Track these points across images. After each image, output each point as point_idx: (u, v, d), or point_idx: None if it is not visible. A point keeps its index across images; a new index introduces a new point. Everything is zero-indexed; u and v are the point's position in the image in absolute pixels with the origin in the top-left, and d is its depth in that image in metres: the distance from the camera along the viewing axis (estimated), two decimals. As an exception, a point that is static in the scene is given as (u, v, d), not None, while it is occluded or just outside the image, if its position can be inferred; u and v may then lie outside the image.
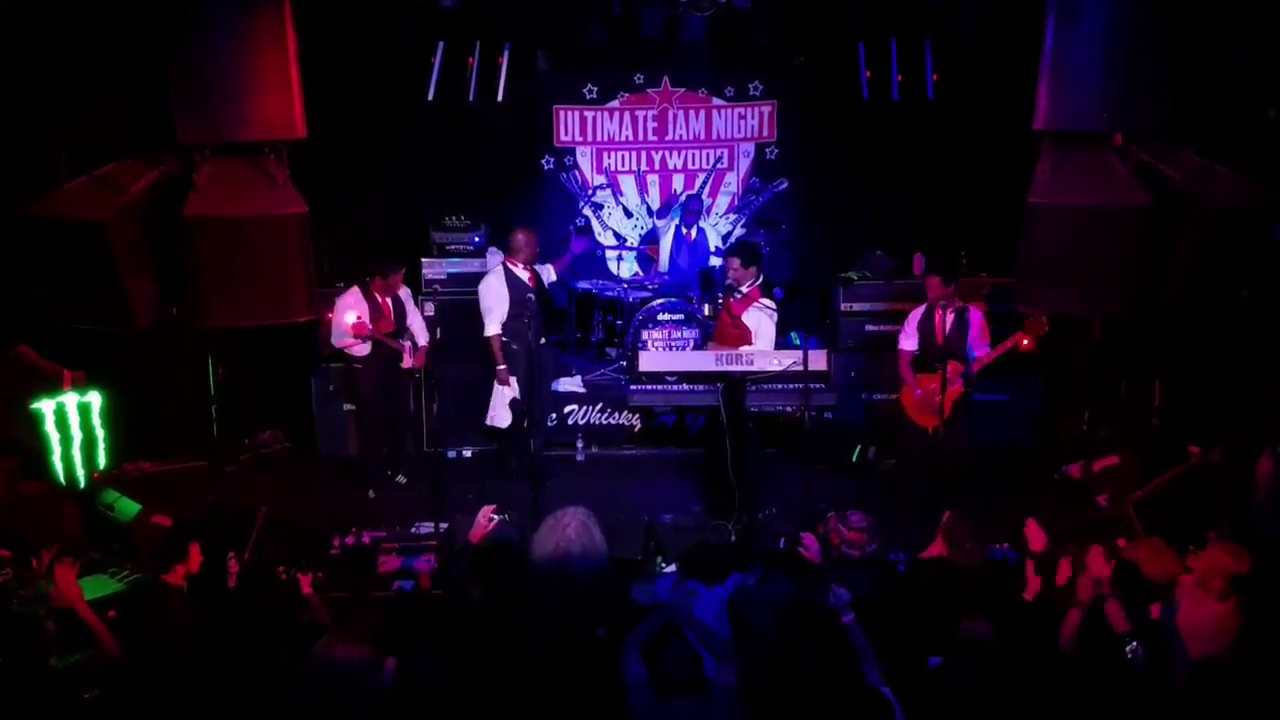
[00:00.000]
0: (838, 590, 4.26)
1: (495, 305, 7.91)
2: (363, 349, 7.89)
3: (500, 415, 8.20)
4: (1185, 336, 7.73)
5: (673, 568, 6.15)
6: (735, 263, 7.30)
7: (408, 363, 8.03)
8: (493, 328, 7.94)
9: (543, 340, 8.08)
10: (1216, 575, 4.55)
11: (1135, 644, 4.17)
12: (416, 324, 8.20)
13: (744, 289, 7.29)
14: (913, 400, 7.46)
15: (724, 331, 7.51)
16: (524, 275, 7.92)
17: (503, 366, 7.98)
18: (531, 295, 7.90)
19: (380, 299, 7.90)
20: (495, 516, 5.27)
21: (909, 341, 7.60)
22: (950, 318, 7.30)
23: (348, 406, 8.72)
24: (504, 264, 7.98)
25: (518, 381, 7.98)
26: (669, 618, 4.16)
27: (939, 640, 4.18)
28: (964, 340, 7.30)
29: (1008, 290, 7.10)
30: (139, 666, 4.56)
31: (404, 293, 8.14)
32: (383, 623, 5.06)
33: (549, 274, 8.35)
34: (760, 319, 7.25)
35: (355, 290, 7.88)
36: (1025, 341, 7.16)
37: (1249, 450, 6.47)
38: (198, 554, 5.15)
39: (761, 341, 7.24)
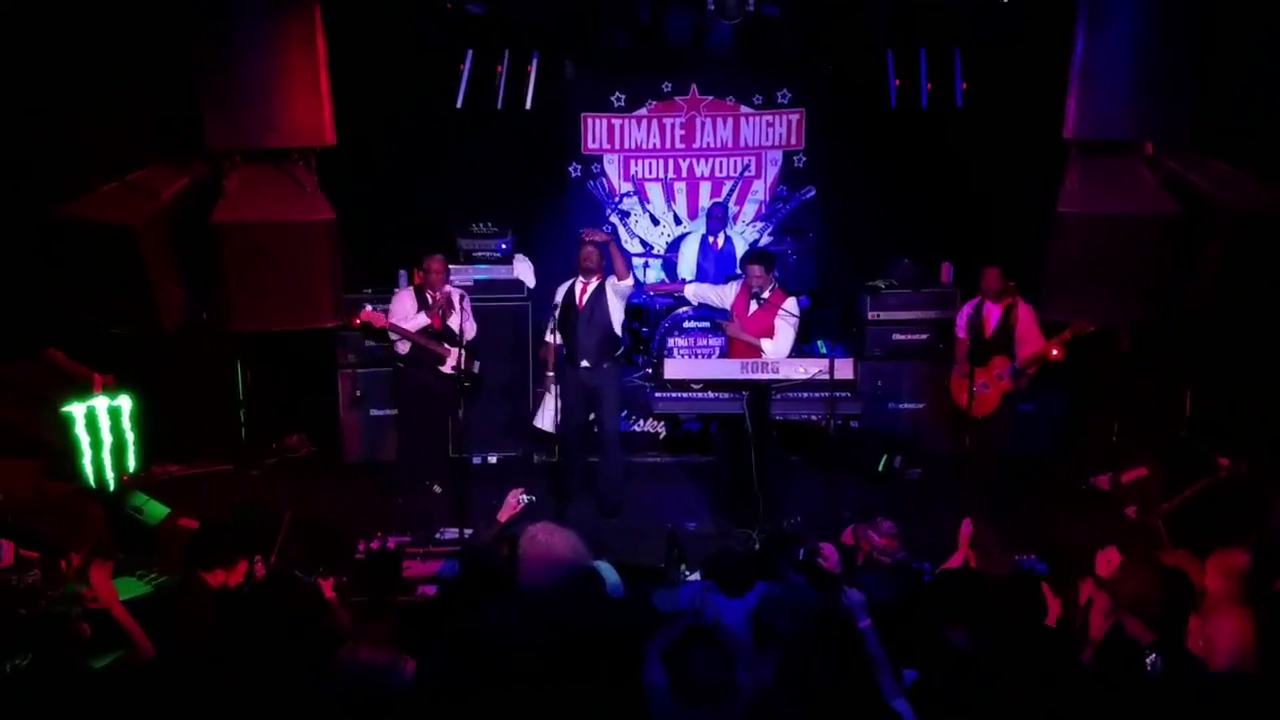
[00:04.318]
0: (850, 592, 4.23)
1: (552, 311, 7.75)
2: (401, 347, 7.91)
3: (540, 417, 8.26)
4: (1214, 346, 7.67)
5: (696, 575, 6.14)
6: (758, 270, 7.28)
7: (447, 367, 7.87)
8: (548, 333, 7.85)
9: (586, 364, 7.67)
10: (1231, 579, 4.51)
11: (1155, 656, 4.13)
12: (457, 323, 7.91)
13: (765, 294, 7.28)
14: (964, 391, 7.46)
15: (743, 318, 7.50)
16: (578, 288, 7.70)
17: (549, 374, 7.98)
18: (573, 310, 7.67)
19: (429, 295, 7.84)
20: (524, 499, 5.29)
21: (963, 331, 7.72)
22: (998, 313, 7.37)
23: (375, 411, 8.76)
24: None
25: (559, 397, 7.84)
26: (692, 623, 4.16)
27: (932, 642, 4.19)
28: (1011, 336, 7.33)
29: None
30: (167, 666, 4.59)
31: (454, 292, 7.97)
32: (403, 625, 5.06)
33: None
34: (782, 326, 7.24)
35: (408, 288, 7.96)
36: (1055, 352, 7.15)
37: (1277, 463, 6.42)
38: (244, 570, 5.18)
39: (779, 344, 7.23)
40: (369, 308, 7.67)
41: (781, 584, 4.92)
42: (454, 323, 7.90)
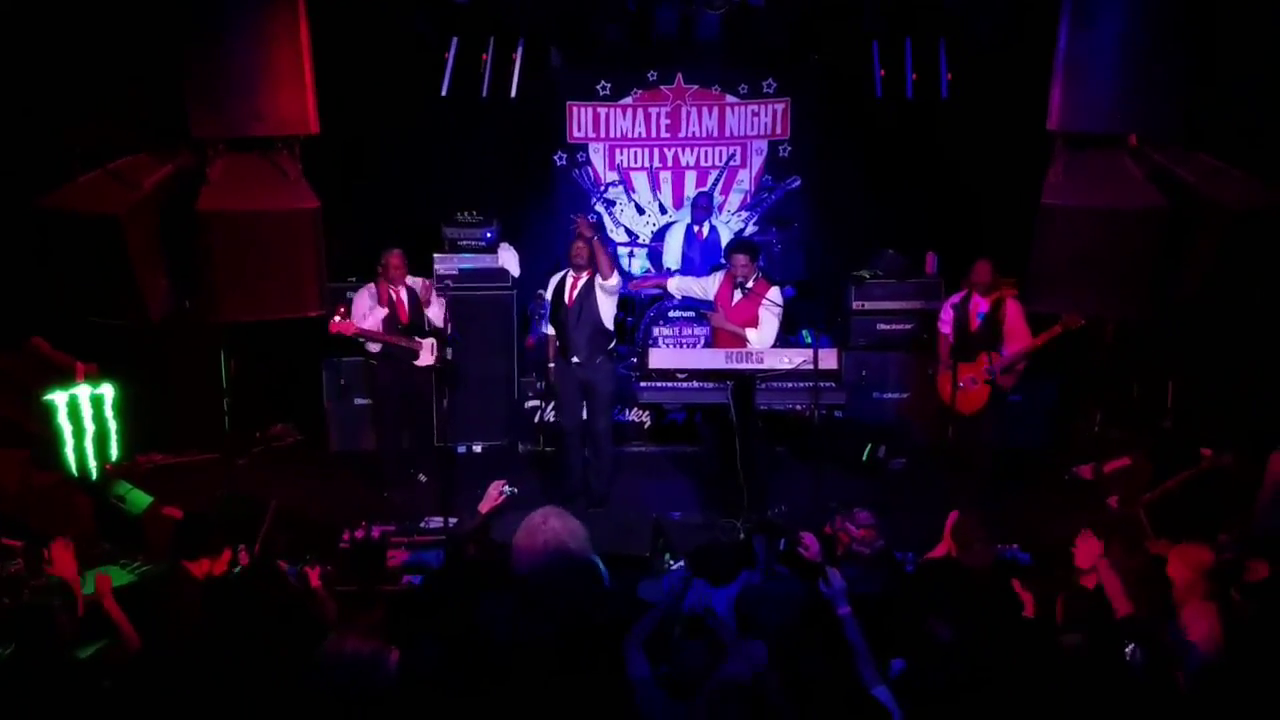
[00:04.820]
0: (832, 576, 4.24)
1: (543, 304, 7.78)
2: (373, 346, 7.88)
3: (549, 412, 8.16)
4: (1198, 339, 7.71)
5: (680, 565, 6.16)
6: (743, 260, 7.26)
7: (422, 360, 7.88)
8: (543, 326, 7.85)
9: (576, 359, 7.57)
10: (1197, 574, 4.55)
11: (1134, 646, 4.17)
12: (437, 315, 7.94)
13: (749, 284, 7.28)
14: (948, 386, 7.44)
15: (727, 308, 7.48)
16: (568, 283, 7.58)
17: (550, 365, 7.87)
18: (563, 306, 7.57)
19: (392, 292, 7.83)
20: (506, 490, 5.30)
21: (947, 327, 7.66)
22: (985, 307, 7.33)
23: (359, 401, 8.74)
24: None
25: (558, 391, 7.88)
26: (665, 612, 4.17)
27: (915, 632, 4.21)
28: (998, 331, 7.30)
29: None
30: (153, 656, 4.59)
31: (418, 283, 8.00)
32: (389, 615, 5.07)
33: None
34: (766, 316, 7.24)
35: (369, 285, 7.87)
36: (1037, 342, 7.15)
37: (1262, 453, 6.45)
38: (228, 559, 5.19)
39: (763, 334, 7.23)
40: (337, 318, 7.58)
41: (766, 574, 4.94)
42: (433, 314, 7.92)
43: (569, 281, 7.60)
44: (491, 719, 3.68)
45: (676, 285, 8.10)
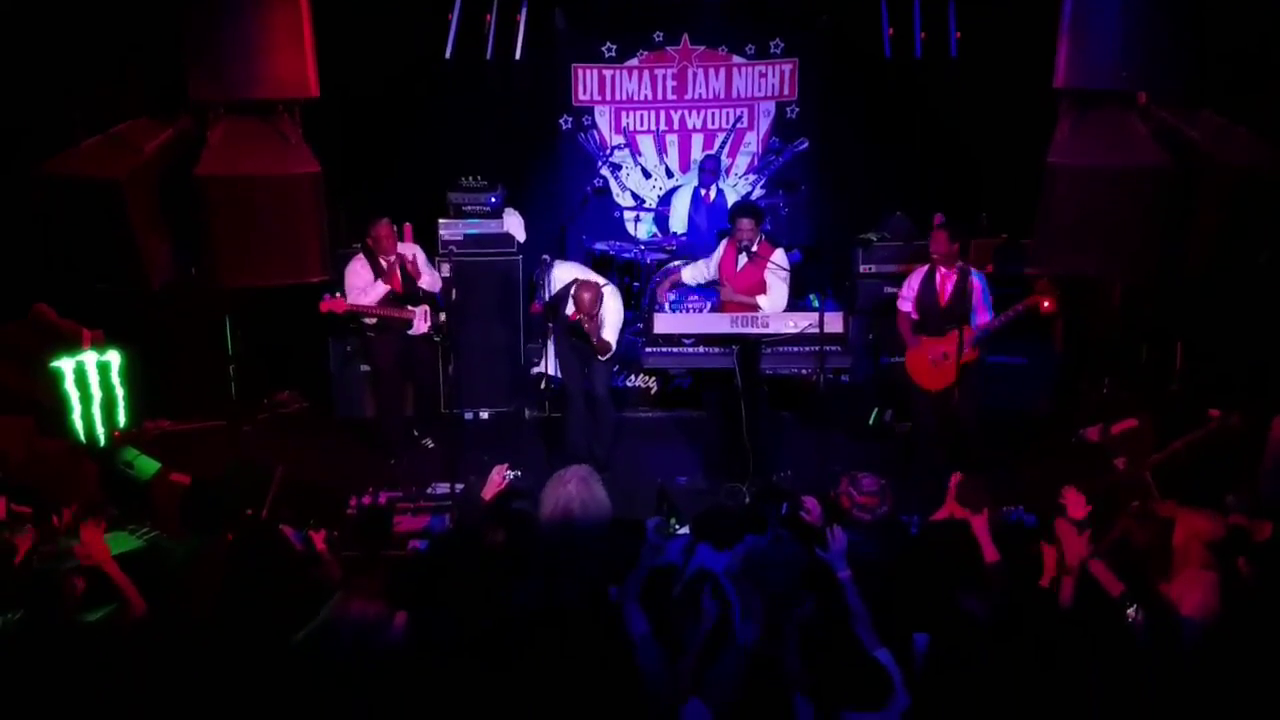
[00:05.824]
0: (833, 539, 4.24)
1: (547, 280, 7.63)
2: (367, 318, 7.85)
3: (543, 364, 8.01)
4: (1206, 300, 7.65)
5: (685, 530, 6.16)
6: (748, 223, 7.18)
7: (417, 328, 7.85)
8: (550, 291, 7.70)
9: (574, 339, 7.53)
10: (1194, 542, 4.53)
11: (1135, 607, 4.16)
12: (427, 282, 7.94)
13: (754, 248, 7.22)
14: (922, 364, 7.31)
15: (732, 276, 7.43)
16: (569, 307, 7.37)
17: (550, 324, 7.69)
18: (562, 314, 7.47)
19: (383, 261, 7.75)
20: (509, 475, 5.31)
21: (909, 304, 7.42)
22: (953, 279, 7.18)
23: (364, 368, 8.73)
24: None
25: (557, 358, 7.78)
26: (650, 566, 4.18)
27: (943, 607, 4.19)
28: (968, 304, 7.15)
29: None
30: (159, 620, 4.62)
31: (410, 250, 7.94)
32: (394, 579, 5.08)
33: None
34: (774, 280, 7.20)
35: (359, 255, 7.80)
36: (1046, 303, 7.01)
37: (1269, 415, 6.42)
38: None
39: (774, 299, 7.19)
40: (327, 296, 7.54)
41: (770, 538, 4.94)
42: (426, 282, 7.87)
43: (569, 306, 7.39)
44: (495, 686, 3.70)
45: (690, 276, 7.96)
